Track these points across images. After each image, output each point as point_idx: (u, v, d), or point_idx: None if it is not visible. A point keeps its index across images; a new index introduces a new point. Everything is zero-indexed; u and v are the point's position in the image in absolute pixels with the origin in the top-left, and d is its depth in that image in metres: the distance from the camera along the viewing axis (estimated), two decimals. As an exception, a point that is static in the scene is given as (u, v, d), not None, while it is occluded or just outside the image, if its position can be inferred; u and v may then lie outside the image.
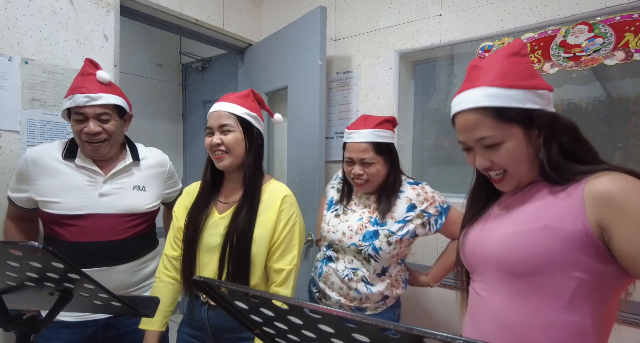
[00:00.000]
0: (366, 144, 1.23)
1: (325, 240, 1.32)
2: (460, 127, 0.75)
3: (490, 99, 0.69)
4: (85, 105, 1.13)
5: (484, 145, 0.72)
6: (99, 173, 1.20)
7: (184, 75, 3.01)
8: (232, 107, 1.10)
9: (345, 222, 1.28)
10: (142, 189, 1.26)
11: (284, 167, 2.18)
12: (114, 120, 1.18)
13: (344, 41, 1.98)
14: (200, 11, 1.98)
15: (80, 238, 1.15)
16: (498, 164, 0.73)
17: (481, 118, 0.71)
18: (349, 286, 1.24)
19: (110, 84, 1.20)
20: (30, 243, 0.57)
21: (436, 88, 1.86)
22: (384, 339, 0.37)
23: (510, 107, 0.69)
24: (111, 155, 1.23)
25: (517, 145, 0.71)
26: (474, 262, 0.81)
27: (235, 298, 0.52)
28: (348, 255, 1.26)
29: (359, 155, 1.23)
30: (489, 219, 0.81)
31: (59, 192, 1.15)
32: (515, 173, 0.74)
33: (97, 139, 1.15)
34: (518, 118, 0.70)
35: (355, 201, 1.33)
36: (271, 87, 2.11)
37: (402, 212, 1.23)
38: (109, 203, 1.19)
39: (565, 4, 1.39)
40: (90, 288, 0.70)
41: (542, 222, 0.68)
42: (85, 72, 1.18)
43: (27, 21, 1.38)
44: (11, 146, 1.35)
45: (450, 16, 1.65)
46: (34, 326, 0.73)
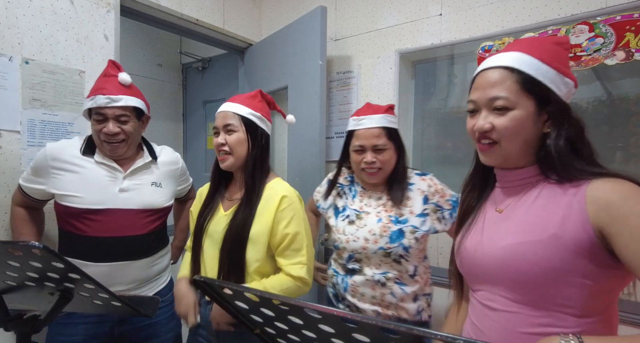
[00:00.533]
0: (379, 129, 1.17)
1: (345, 251, 1.22)
2: (479, 84, 0.74)
3: (521, 64, 0.69)
4: (106, 106, 1.16)
5: (493, 106, 0.71)
6: (118, 170, 1.23)
7: (184, 75, 3.01)
8: (237, 107, 1.12)
9: (364, 227, 1.19)
10: (159, 186, 1.30)
11: (284, 166, 2.18)
12: (132, 122, 1.22)
13: (344, 41, 1.98)
14: (200, 11, 1.97)
15: (99, 233, 1.18)
16: (498, 128, 0.71)
17: (505, 77, 0.70)
18: (383, 292, 1.16)
19: (131, 86, 1.24)
20: (31, 243, 0.57)
21: (436, 88, 1.86)
22: (384, 339, 0.37)
23: (537, 79, 0.69)
24: (128, 155, 1.27)
25: (524, 118, 0.69)
26: (474, 271, 0.78)
27: (235, 298, 0.52)
28: (374, 262, 1.18)
29: (371, 141, 1.17)
30: (487, 223, 0.78)
31: (80, 186, 1.17)
32: (507, 146, 0.72)
33: (115, 139, 1.19)
34: (538, 92, 0.69)
35: (364, 202, 1.24)
36: (271, 87, 2.11)
37: (420, 204, 1.18)
38: (128, 199, 1.22)
39: (566, 4, 1.39)
40: (90, 288, 0.70)
41: (549, 232, 0.66)
42: (107, 74, 1.23)
43: (28, 21, 1.38)
44: (11, 146, 1.35)
45: (451, 16, 1.65)
46: (34, 326, 0.73)
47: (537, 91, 0.69)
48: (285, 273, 1.06)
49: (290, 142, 1.99)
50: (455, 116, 1.79)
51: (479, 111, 0.74)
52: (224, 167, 1.11)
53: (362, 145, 1.19)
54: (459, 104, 1.78)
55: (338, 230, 1.23)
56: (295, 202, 1.10)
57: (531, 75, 0.69)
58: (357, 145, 1.20)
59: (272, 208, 1.07)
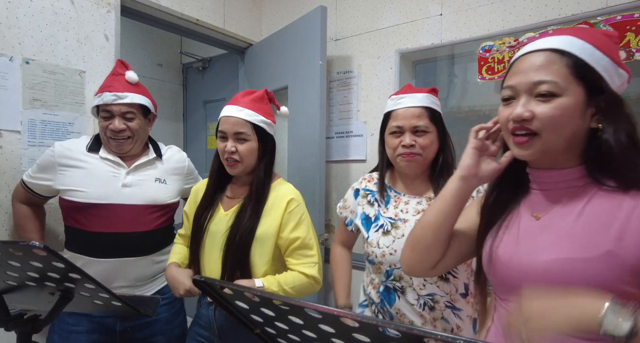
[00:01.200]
0: (421, 108, 1.03)
1: (382, 266, 1.05)
2: (520, 68, 0.64)
3: (572, 47, 0.61)
4: (112, 103, 1.19)
5: (537, 92, 0.61)
6: (122, 166, 1.25)
7: (185, 75, 3.01)
8: (248, 114, 1.08)
9: (401, 237, 1.02)
10: (163, 182, 1.30)
11: (284, 166, 2.18)
12: (138, 119, 1.24)
13: (345, 41, 1.98)
14: (200, 11, 1.98)
15: (103, 228, 1.19)
16: (540, 118, 0.61)
17: (553, 60, 0.61)
18: (434, 317, 1.00)
19: (137, 84, 1.27)
20: (32, 243, 0.57)
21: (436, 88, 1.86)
22: (385, 339, 0.36)
23: (590, 64, 0.61)
24: (135, 152, 1.28)
25: (572, 107, 0.60)
26: (508, 282, 0.69)
27: (236, 298, 0.52)
28: (416, 280, 1.01)
29: (411, 121, 1.02)
30: (522, 230, 0.69)
31: (84, 181, 1.19)
32: (549, 139, 0.61)
33: (121, 136, 1.21)
34: (591, 79, 0.61)
35: (400, 208, 1.07)
36: (272, 87, 2.11)
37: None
38: (131, 194, 1.22)
39: (566, 4, 1.39)
40: (91, 288, 0.70)
41: (603, 248, 0.57)
42: (115, 72, 1.26)
43: (28, 21, 1.38)
44: (12, 146, 1.35)
45: (451, 16, 1.64)
46: (35, 326, 0.73)
47: (590, 78, 0.61)
48: (298, 271, 1.06)
49: (291, 142, 1.99)
50: (456, 116, 1.79)
51: (517, 98, 0.64)
52: (233, 173, 1.11)
53: (400, 126, 1.04)
54: (459, 104, 1.78)
55: (371, 243, 1.07)
56: (301, 203, 1.12)
57: (584, 60, 0.61)
58: (395, 126, 1.05)
59: (279, 210, 1.07)
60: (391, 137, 1.07)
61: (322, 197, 1.76)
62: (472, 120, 1.73)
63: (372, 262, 1.08)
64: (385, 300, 1.05)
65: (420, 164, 1.04)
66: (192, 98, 2.97)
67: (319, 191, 1.75)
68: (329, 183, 1.99)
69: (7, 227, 1.34)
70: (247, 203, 1.08)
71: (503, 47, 1.50)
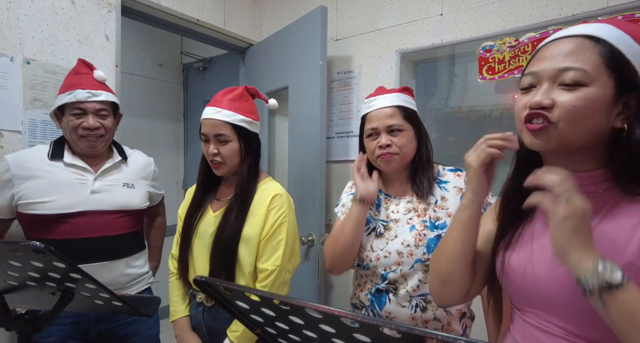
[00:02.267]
0: (393, 108, 1.03)
1: (377, 269, 1.02)
2: (546, 54, 0.59)
3: (610, 35, 0.56)
4: (87, 100, 1.16)
5: (561, 80, 0.56)
6: (88, 171, 1.21)
7: (185, 75, 3.01)
8: (227, 115, 1.07)
9: (395, 239, 1.01)
10: (132, 187, 1.28)
11: (284, 166, 2.18)
12: (110, 117, 1.23)
13: (345, 41, 1.98)
14: (201, 11, 1.98)
15: (73, 235, 1.15)
16: (561, 106, 0.55)
17: (586, 47, 0.56)
18: (425, 319, 0.99)
19: (105, 84, 1.25)
20: (32, 243, 0.57)
21: (437, 88, 1.86)
22: (385, 339, 0.36)
23: (627, 56, 0.55)
24: (103, 151, 1.26)
25: (599, 99, 0.54)
26: (524, 294, 0.65)
27: (236, 298, 0.52)
28: (411, 281, 0.99)
29: (385, 121, 1.02)
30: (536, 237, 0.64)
31: (49, 191, 1.13)
32: (567, 130, 0.56)
33: (95, 133, 1.18)
34: (624, 72, 0.55)
35: (391, 209, 1.06)
36: (272, 87, 2.11)
37: (457, 205, 1.00)
38: (101, 200, 1.20)
39: (567, 4, 1.38)
40: (91, 288, 0.70)
41: (623, 260, 0.53)
42: (79, 71, 1.22)
43: (29, 21, 1.38)
44: (13, 146, 1.35)
45: (452, 16, 1.64)
46: (35, 326, 0.73)
47: (624, 71, 0.55)
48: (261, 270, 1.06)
49: (291, 142, 1.99)
50: (456, 116, 1.79)
51: (538, 85, 0.59)
52: (219, 174, 1.12)
53: (375, 128, 1.03)
54: (459, 104, 1.78)
55: (364, 247, 1.05)
56: (286, 200, 1.12)
57: (620, 50, 0.55)
58: (370, 129, 1.04)
59: (263, 208, 1.08)
60: (368, 140, 1.06)
61: (322, 197, 1.76)
62: (473, 120, 1.73)
63: (366, 267, 1.05)
64: (376, 302, 1.03)
65: (399, 163, 1.03)
66: (193, 98, 2.97)
67: (319, 191, 1.75)
68: (329, 184, 1.99)
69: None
70: (233, 204, 1.08)
71: (504, 47, 1.50)
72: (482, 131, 1.89)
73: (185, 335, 1.10)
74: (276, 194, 1.09)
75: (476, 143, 0.70)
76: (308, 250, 1.82)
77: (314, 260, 1.78)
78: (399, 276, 0.99)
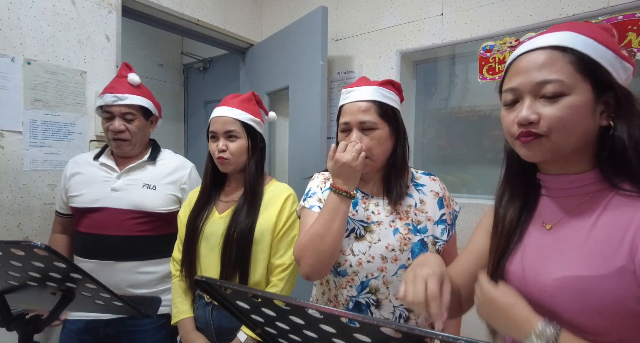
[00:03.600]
0: (368, 102, 0.92)
1: (356, 276, 0.91)
2: (521, 67, 0.60)
3: (575, 42, 0.57)
4: (113, 104, 1.22)
5: (542, 93, 0.58)
6: (115, 169, 1.27)
7: (186, 75, 3.01)
8: (237, 113, 1.12)
9: (378, 242, 0.91)
10: (153, 188, 1.26)
11: (285, 166, 2.18)
12: (138, 121, 1.26)
13: (345, 41, 1.98)
14: (201, 11, 1.98)
15: (90, 230, 1.22)
16: (547, 119, 0.57)
17: (556, 58, 0.57)
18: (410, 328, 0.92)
19: (140, 86, 1.29)
20: (33, 243, 0.57)
21: (437, 88, 1.86)
22: (385, 339, 0.36)
23: (595, 59, 0.57)
24: (134, 153, 1.30)
25: (582, 105, 0.56)
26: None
27: (236, 298, 0.52)
28: (393, 289, 0.90)
29: (357, 116, 0.92)
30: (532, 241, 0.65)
31: (82, 186, 1.25)
32: (558, 139, 0.57)
33: (120, 136, 1.24)
34: (597, 75, 0.57)
35: (371, 209, 0.96)
36: (272, 87, 2.12)
37: (436, 209, 0.96)
38: (119, 198, 1.23)
39: (567, 4, 1.38)
40: (92, 288, 0.70)
41: (616, 264, 0.53)
42: (120, 75, 1.30)
43: (30, 22, 1.38)
44: (13, 146, 1.35)
45: (452, 16, 1.64)
46: (36, 326, 0.73)
47: (597, 74, 0.57)
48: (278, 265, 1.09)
49: (291, 142, 1.99)
50: (457, 116, 1.79)
51: (520, 100, 0.60)
52: (225, 170, 1.13)
53: (347, 122, 0.94)
54: (460, 104, 1.78)
55: (343, 250, 0.92)
56: (297, 199, 1.15)
57: (589, 55, 0.57)
58: (343, 123, 0.95)
59: (277, 206, 1.11)
60: (341, 135, 0.96)
61: (323, 197, 1.77)
62: (473, 120, 1.73)
63: (343, 274, 0.92)
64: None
65: (370, 166, 0.93)
66: (193, 98, 2.97)
67: (319, 191, 1.75)
68: (330, 184, 1.98)
69: (9, 227, 1.34)
70: (242, 202, 1.10)
71: (504, 47, 1.50)
72: (483, 131, 1.89)
73: (191, 335, 1.10)
74: (290, 194, 1.15)
75: (415, 276, 0.63)
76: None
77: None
78: (381, 283, 0.89)
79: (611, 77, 0.57)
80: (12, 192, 1.34)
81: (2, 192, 1.33)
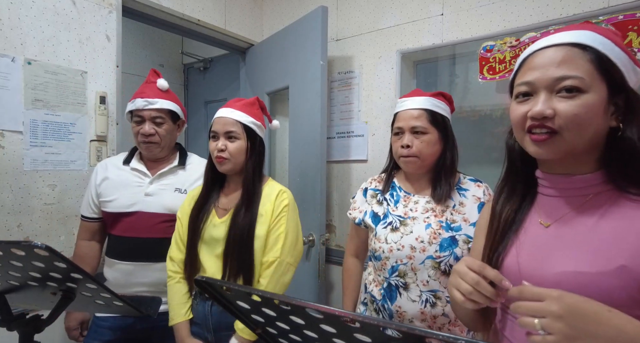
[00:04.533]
0: (420, 110, 1.07)
1: (388, 262, 1.06)
2: (538, 63, 0.60)
3: (595, 41, 0.58)
4: (144, 108, 1.27)
5: (559, 87, 0.57)
6: (147, 175, 1.32)
7: (186, 75, 3.01)
8: (239, 115, 1.14)
9: (410, 234, 1.05)
10: (183, 192, 1.32)
11: (285, 167, 2.18)
12: (167, 124, 1.31)
13: (346, 41, 1.98)
14: (201, 11, 1.98)
15: (125, 233, 1.27)
16: (563, 116, 0.57)
17: (576, 55, 0.58)
18: (434, 315, 1.02)
19: (168, 91, 1.33)
20: (33, 243, 0.58)
21: (438, 88, 1.85)
22: (386, 339, 0.36)
23: (613, 60, 0.57)
24: (162, 155, 1.35)
25: (597, 105, 0.56)
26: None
27: (237, 298, 0.52)
28: (421, 276, 1.03)
29: (409, 122, 1.07)
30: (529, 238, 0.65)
31: (114, 190, 1.29)
32: (571, 138, 0.57)
33: (150, 140, 1.28)
34: (614, 76, 0.57)
35: (409, 207, 1.10)
36: (273, 87, 2.12)
37: (475, 213, 1.04)
38: (152, 202, 1.28)
39: (568, 3, 1.38)
40: (92, 288, 0.70)
41: (616, 263, 0.54)
42: (148, 80, 1.34)
43: (30, 22, 1.38)
44: (14, 146, 1.35)
45: (452, 16, 1.64)
46: (37, 326, 0.73)
47: (613, 75, 0.57)
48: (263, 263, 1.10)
49: (292, 142, 1.99)
50: (457, 116, 1.78)
51: (534, 95, 0.60)
52: (222, 170, 1.14)
53: (400, 127, 1.09)
54: (460, 104, 1.78)
55: (379, 238, 1.09)
56: (288, 196, 1.17)
57: (607, 55, 0.57)
58: (397, 128, 1.11)
59: (270, 206, 1.13)
60: (395, 138, 1.12)
61: (323, 197, 1.77)
62: (473, 120, 1.73)
63: (378, 258, 1.09)
64: (387, 297, 1.07)
65: (417, 165, 1.08)
66: (194, 98, 2.97)
67: (319, 191, 1.75)
68: (330, 184, 1.99)
69: (10, 227, 1.34)
70: (241, 204, 1.12)
71: (504, 47, 1.50)
72: (483, 131, 1.89)
73: (185, 341, 1.11)
74: (280, 190, 1.16)
75: (462, 271, 0.61)
76: (309, 250, 1.82)
77: (315, 260, 1.78)
78: (409, 269, 1.03)
79: (624, 80, 0.58)
80: (13, 192, 1.34)
81: (3, 192, 1.33)
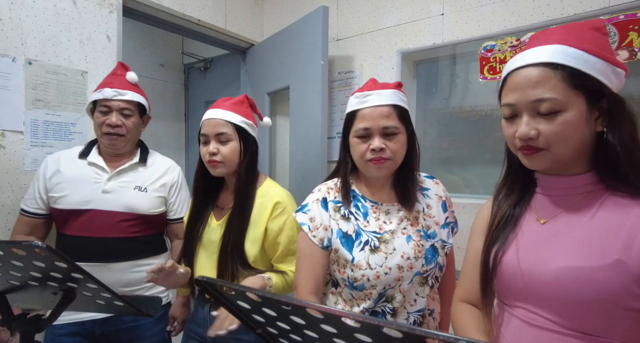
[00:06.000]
0: (390, 107, 0.90)
1: (374, 289, 0.88)
2: (516, 84, 0.62)
3: (566, 58, 0.59)
4: (112, 98, 1.22)
5: (538, 110, 0.60)
6: (105, 170, 1.24)
7: (187, 75, 3.01)
8: (229, 115, 1.10)
9: (394, 252, 0.89)
10: (144, 190, 1.27)
11: (285, 166, 2.18)
12: (134, 117, 1.26)
13: (346, 41, 1.98)
14: (202, 11, 1.98)
15: (80, 232, 1.19)
16: (546, 135, 0.60)
17: (548, 76, 0.59)
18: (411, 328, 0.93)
19: (136, 86, 1.30)
20: (34, 242, 0.58)
21: (438, 88, 1.85)
22: (387, 339, 0.36)
23: (586, 72, 0.58)
24: (125, 150, 1.29)
25: (577, 119, 0.59)
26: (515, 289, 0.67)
27: (237, 298, 0.52)
28: (409, 296, 0.90)
29: (380, 122, 0.89)
30: (527, 235, 0.68)
31: (67, 186, 1.20)
32: (557, 151, 0.61)
33: (116, 131, 1.22)
34: (589, 87, 0.59)
35: (382, 219, 0.93)
36: (273, 87, 2.12)
37: (441, 213, 0.97)
38: (110, 200, 1.21)
39: (568, 3, 1.38)
40: (93, 287, 0.70)
41: (612, 257, 0.56)
42: (116, 73, 1.29)
43: (31, 22, 1.38)
44: (15, 146, 1.35)
45: (453, 16, 1.64)
46: (38, 325, 0.73)
47: (588, 86, 0.59)
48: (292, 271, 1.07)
49: (292, 142, 1.99)
50: (457, 116, 1.78)
51: (519, 115, 0.64)
52: (216, 173, 1.11)
53: (368, 128, 0.90)
54: (460, 104, 1.78)
55: (359, 265, 0.88)
56: (289, 204, 1.11)
57: (579, 69, 0.59)
58: (362, 129, 0.90)
59: (265, 215, 1.08)
60: (358, 141, 0.92)
61: (323, 197, 1.76)
62: (474, 120, 1.72)
63: (360, 288, 0.88)
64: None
65: (391, 168, 0.92)
66: (194, 98, 2.97)
67: (320, 191, 1.75)
68: (331, 184, 1.99)
69: (10, 227, 1.34)
70: (234, 211, 1.09)
71: (505, 47, 1.50)
72: (484, 131, 1.89)
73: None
74: (277, 202, 1.09)
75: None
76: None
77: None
78: (397, 292, 0.89)
79: (603, 86, 0.60)
80: (14, 191, 1.34)
81: (4, 192, 1.33)
